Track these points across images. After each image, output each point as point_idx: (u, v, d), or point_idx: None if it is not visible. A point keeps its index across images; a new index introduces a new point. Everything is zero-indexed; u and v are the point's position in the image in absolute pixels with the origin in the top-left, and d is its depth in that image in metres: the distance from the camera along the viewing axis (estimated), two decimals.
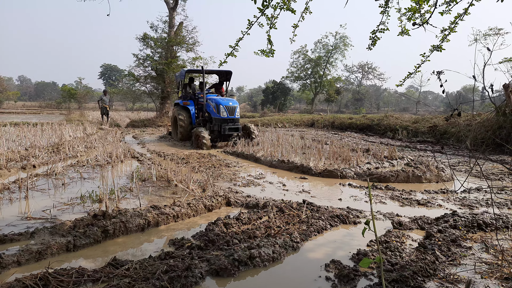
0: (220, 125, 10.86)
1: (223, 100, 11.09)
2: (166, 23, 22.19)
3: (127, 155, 8.47)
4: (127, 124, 20.40)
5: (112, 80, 61.01)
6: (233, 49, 3.56)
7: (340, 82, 46.47)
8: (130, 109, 47.47)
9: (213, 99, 11.20)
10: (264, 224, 3.80)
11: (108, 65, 74.53)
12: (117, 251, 3.24)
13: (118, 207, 4.28)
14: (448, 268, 2.85)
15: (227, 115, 10.89)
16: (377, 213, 4.39)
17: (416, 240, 3.54)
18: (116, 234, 3.53)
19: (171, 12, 21.78)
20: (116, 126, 18.92)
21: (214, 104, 10.98)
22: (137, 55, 21.73)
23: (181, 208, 4.18)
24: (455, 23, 3.17)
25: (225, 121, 10.93)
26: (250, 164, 8.13)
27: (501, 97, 5.72)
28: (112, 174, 6.24)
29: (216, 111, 10.88)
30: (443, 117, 15.29)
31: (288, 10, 3.39)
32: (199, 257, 2.94)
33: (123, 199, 4.82)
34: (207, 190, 5.26)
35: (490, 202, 4.86)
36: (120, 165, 7.51)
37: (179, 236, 3.53)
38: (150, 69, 21.88)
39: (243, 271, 2.81)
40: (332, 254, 3.20)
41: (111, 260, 2.85)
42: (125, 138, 13.53)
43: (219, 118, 10.86)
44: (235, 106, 11.10)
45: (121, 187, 5.35)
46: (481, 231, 3.73)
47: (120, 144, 9.89)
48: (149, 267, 2.72)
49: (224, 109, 10.84)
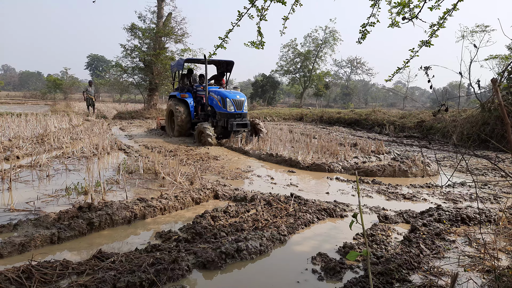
0: (226, 120, 9.86)
1: (229, 93, 10.06)
2: (155, 13, 21.83)
3: (114, 147, 8.36)
4: (114, 115, 20.09)
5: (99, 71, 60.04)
6: (223, 41, 3.53)
7: (329, 77, 46.60)
8: (117, 100, 46.77)
9: (217, 92, 10.19)
10: (251, 217, 3.80)
11: (95, 55, 73.24)
12: (103, 243, 3.20)
13: (104, 200, 4.22)
14: (432, 261, 2.90)
15: (234, 110, 9.84)
16: (363, 207, 4.44)
17: (402, 233, 3.58)
18: (102, 226, 3.48)
19: (160, 2, 21.43)
20: (102, 117, 18.65)
21: (219, 97, 9.95)
22: (124, 46, 21.36)
23: (168, 201, 4.15)
24: (443, 19, 3.19)
25: (232, 116, 9.87)
26: (239, 156, 8.11)
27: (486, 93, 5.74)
28: (98, 166, 6.16)
29: (221, 105, 9.86)
30: (430, 113, 15.50)
31: (278, 1, 3.36)
32: (186, 250, 2.92)
33: (109, 191, 4.76)
34: (195, 183, 5.23)
35: (474, 197, 4.96)
36: (107, 157, 7.40)
37: (166, 229, 3.51)
38: (138, 60, 21.53)
39: (230, 263, 2.81)
40: (319, 247, 3.22)
41: (96, 253, 2.82)
42: (112, 130, 13.34)
43: (225, 112, 9.82)
44: (243, 99, 10.09)
45: (107, 179, 5.28)
46: (464, 225, 3.80)
47: (106, 136, 9.76)
48: (135, 260, 2.69)
49: (232, 103, 9.79)
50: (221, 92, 10.04)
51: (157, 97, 22.98)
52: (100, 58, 72.21)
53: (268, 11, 3.44)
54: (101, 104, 30.93)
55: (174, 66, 12.12)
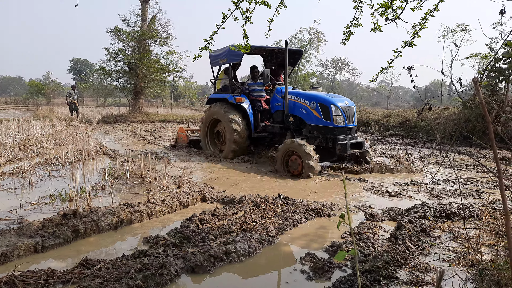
0: (334, 138, 6.50)
1: (331, 97, 6.80)
2: (139, 16, 21.64)
3: (99, 152, 8.24)
4: (98, 120, 19.83)
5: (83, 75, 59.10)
6: (208, 43, 3.51)
7: (315, 77, 46.91)
8: (102, 104, 46.16)
9: (308, 95, 6.95)
10: (240, 219, 3.79)
11: (78, 59, 72.02)
12: (89, 250, 3.15)
13: (90, 206, 4.15)
14: (418, 257, 2.95)
15: (345, 123, 6.55)
16: (350, 205, 4.48)
17: (388, 231, 3.63)
18: (87, 233, 3.43)
19: (144, 5, 21.26)
20: (87, 122, 18.37)
21: (314, 104, 6.70)
22: (108, 49, 21.09)
23: (155, 205, 4.11)
24: (425, 19, 3.24)
25: (341, 132, 6.55)
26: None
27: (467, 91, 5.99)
28: (83, 171, 6.07)
29: (320, 115, 6.61)
30: (414, 111, 15.76)
31: (263, 4, 3.36)
32: (174, 254, 2.90)
33: (94, 197, 4.69)
34: (183, 187, 5.20)
35: (457, 193, 5.06)
36: (92, 163, 7.30)
37: (154, 233, 3.47)
38: (122, 63, 21.31)
39: (219, 267, 2.80)
40: (307, 247, 3.23)
41: (82, 260, 2.77)
42: (97, 134, 13.15)
43: (329, 127, 6.52)
44: (353, 107, 6.87)
45: (92, 185, 5.21)
46: (449, 220, 3.88)
47: (91, 141, 9.62)
48: (122, 266, 2.66)
49: (341, 113, 6.51)
50: (317, 96, 6.84)
51: (143, 100, 22.76)
52: (84, 62, 71.10)
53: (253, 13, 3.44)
54: (85, 109, 30.47)
55: (222, 57, 8.16)
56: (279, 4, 3.63)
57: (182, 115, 23.18)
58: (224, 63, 8.23)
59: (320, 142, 6.65)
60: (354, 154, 6.83)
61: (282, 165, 6.49)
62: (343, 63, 60.44)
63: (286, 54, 6.88)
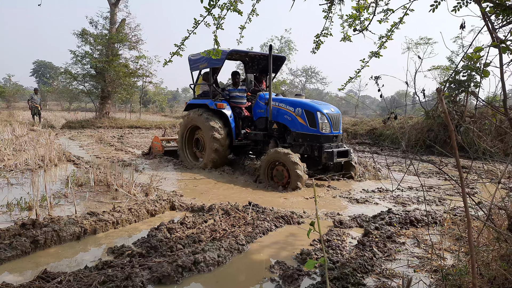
0: (319, 146, 6.30)
1: (317, 103, 6.64)
2: (107, 19, 21.14)
3: (62, 158, 7.91)
4: (62, 125, 19.07)
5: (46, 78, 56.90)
6: (179, 48, 3.47)
7: (285, 85, 47.51)
8: (67, 109, 44.51)
9: (293, 102, 6.74)
10: (209, 228, 3.74)
11: (41, 61, 69.22)
12: (49, 262, 2.99)
13: (51, 215, 3.96)
14: (385, 264, 3.01)
15: (330, 130, 6.40)
16: (319, 213, 4.53)
17: (356, 237, 3.69)
18: (47, 244, 3.26)
19: (113, 8, 20.81)
20: (50, 127, 17.62)
21: (300, 110, 6.50)
22: (74, 52, 20.43)
23: (121, 214, 3.97)
24: (391, 31, 3.36)
25: (327, 139, 6.37)
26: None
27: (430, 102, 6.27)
28: (45, 179, 5.79)
29: (305, 123, 6.40)
30: (380, 120, 16.28)
31: (235, 11, 3.37)
32: (140, 265, 2.80)
33: (56, 206, 4.47)
34: (151, 194, 5.07)
35: (421, 200, 5.24)
36: (54, 169, 6.98)
37: (119, 243, 3.35)
38: (89, 67, 20.67)
39: (187, 277, 2.73)
40: (277, 255, 3.23)
41: (41, 273, 2.61)
42: (60, 140, 12.62)
43: (315, 134, 6.34)
44: (339, 115, 6.70)
45: (54, 193, 4.97)
46: (413, 227, 4.00)
47: (54, 147, 9.21)
48: (84, 279, 2.53)
49: (327, 120, 6.34)
50: (302, 103, 6.64)
51: (110, 105, 22.15)
52: (48, 64, 68.40)
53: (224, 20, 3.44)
54: (48, 113, 29.27)
55: (202, 61, 7.80)
56: (251, 12, 3.65)
57: (152, 121, 22.73)
58: (205, 68, 7.92)
59: (305, 150, 6.45)
60: (340, 163, 6.64)
61: (266, 176, 6.17)
62: (313, 72, 61.65)
63: (271, 59, 6.66)
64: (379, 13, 3.34)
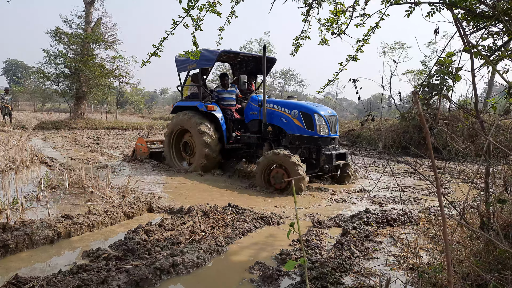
0: (317, 149, 6.17)
1: (314, 105, 6.55)
2: (82, 18, 20.66)
3: (35, 160, 7.65)
4: (35, 126, 18.46)
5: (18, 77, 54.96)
6: (157, 49, 3.42)
7: None
8: (40, 109, 43.12)
9: (289, 104, 6.57)
10: (188, 229, 3.70)
11: (13, 60, 66.84)
12: (21, 267, 2.88)
13: (22, 218, 3.82)
14: (363, 262, 3.06)
15: (328, 133, 6.29)
16: (298, 213, 4.56)
17: (334, 237, 3.74)
18: (19, 248, 3.14)
19: (88, 7, 20.34)
20: (21, 128, 17.02)
21: (296, 112, 6.36)
22: (47, 51, 19.83)
23: (97, 217, 3.88)
24: (368, 35, 3.43)
25: (324, 142, 6.25)
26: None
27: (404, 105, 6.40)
28: (16, 181, 5.57)
29: (302, 125, 6.26)
30: (358, 122, 16.58)
31: (214, 12, 3.36)
32: (117, 269, 2.74)
33: (28, 209, 4.32)
34: (128, 196, 4.97)
35: (397, 200, 5.36)
36: (26, 171, 6.74)
37: (95, 247, 3.26)
38: (63, 66, 20.12)
39: (166, 280, 2.69)
40: (257, 256, 3.23)
41: (12, 278, 2.51)
42: (33, 141, 12.20)
43: (313, 137, 6.19)
44: (336, 116, 6.64)
45: (26, 195, 4.80)
46: (389, 226, 4.08)
47: (26, 148, 8.89)
48: (58, 283, 2.46)
49: (325, 122, 6.23)
50: (298, 104, 6.52)
51: (85, 106, 21.63)
52: (19, 63, 66.13)
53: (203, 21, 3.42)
54: (20, 114, 28.28)
55: (191, 61, 7.49)
56: (230, 14, 3.66)
57: (129, 122, 22.32)
58: (193, 69, 7.59)
59: (302, 153, 6.24)
60: (338, 165, 6.39)
61: (262, 179, 5.96)
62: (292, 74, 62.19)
63: (265, 60, 6.48)
64: (356, 17, 3.40)
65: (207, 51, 7.03)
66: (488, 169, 2.40)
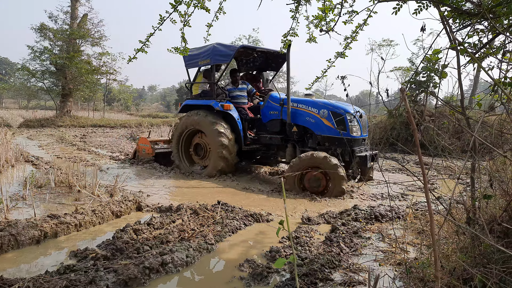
0: (351, 150, 5.80)
1: (344, 105, 6.14)
2: (68, 14, 20.30)
3: (20, 158, 7.51)
4: (20, 124, 18.12)
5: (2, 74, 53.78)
6: (144, 45, 3.38)
7: None
8: (25, 107, 42.31)
9: (318, 103, 6.16)
10: (177, 228, 3.67)
11: None
12: (6, 268, 2.83)
13: (7, 218, 3.75)
14: (351, 258, 3.09)
15: (360, 133, 5.98)
16: (288, 210, 4.58)
17: (323, 234, 3.76)
18: (4, 249, 3.08)
19: (74, 3, 20.00)
20: (6, 126, 16.69)
21: (325, 112, 5.97)
22: (32, 48, 19.46)
23: (84, 216, 3.82)
24: (356, 32, 3.44)
25: (357, 142, 5.96)
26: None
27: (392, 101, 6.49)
28: (0, 180, 5.47)
29: (332, 125, 5.87)
30: None
31: (202, 8, 3.33)
32: (105, 268, 2.71)
33: (13, 209, 4.24)
34: (115, 195, 4.92)
35: (385, 196, 5.42)
36: (11, 170, 6.62)
37: (82, 246, 3.22)
38: (48, 63, 19.76)
39: (155, 279, 2.67)
40: (246, 253, 3.23)
41: None
42: (18, 140, 11.96)
43: (345, 138, 5.77)
44: (366, 116, 6.45)
45: (11, 195, 4.71)
46: (378, 222, 4.13)
47: (10, 146, 8.72)
48: (45, 284, 2.42)
49: (357, 122, 5.92)
50: (327, 104, 6.10)
51: (72, 103, 21.32)
52: (3, 60, 64.72)
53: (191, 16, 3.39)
54: (4, 111, 27.71)
55: (203, 56, 6.90)
56: (218, 10, 3.63)
57: (117, 120, 22.06)
58: (206, 64, 6.96)
59: (333, 155, 5.67)
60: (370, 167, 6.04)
61: (296, 183, 5.57)
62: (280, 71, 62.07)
63: (289, 58, 6.22)
64: (344, 14, 3.41)
65: (223, 45, 6.60)
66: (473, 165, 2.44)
